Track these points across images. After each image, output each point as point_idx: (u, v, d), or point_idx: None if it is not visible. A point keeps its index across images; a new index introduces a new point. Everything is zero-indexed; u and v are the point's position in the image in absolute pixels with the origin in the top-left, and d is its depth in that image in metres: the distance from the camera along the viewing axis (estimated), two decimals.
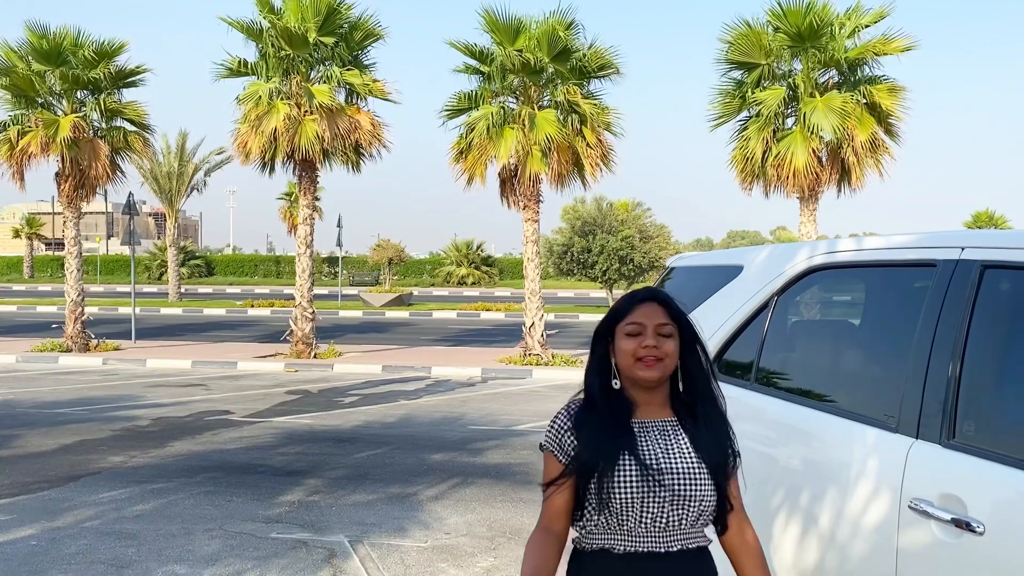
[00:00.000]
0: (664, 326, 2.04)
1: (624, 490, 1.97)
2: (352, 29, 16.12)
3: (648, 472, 1.97)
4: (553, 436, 2.08)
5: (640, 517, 1.97)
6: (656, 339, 2.03)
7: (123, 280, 51.42)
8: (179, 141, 37.04)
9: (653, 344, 2.02)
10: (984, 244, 2.52)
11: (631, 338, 2.04)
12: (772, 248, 3.58)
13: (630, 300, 2.10)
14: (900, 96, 14.73)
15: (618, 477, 1.97)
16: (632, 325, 2.05)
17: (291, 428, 9.69)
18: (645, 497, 1.96)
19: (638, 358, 2.03)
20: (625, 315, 2.08)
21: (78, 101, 17.04)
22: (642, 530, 1.98)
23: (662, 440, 2.03)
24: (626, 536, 2.00)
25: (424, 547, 5.52)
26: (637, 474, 1.97)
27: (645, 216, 33.47)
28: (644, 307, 2.07)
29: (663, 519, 1.98)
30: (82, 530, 5.78)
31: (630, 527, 1.98)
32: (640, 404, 2.07)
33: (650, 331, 2.03)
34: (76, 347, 16.97)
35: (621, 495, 1.97)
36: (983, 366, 2.41)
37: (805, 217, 15.35)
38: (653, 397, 2.08)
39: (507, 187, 16.35)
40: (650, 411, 2.08)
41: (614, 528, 2.00)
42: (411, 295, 36.74)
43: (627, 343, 2.05)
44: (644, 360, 2.02)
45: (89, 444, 8.65)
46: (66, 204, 17.09)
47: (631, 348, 2.04)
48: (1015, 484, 2.13)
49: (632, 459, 1.98)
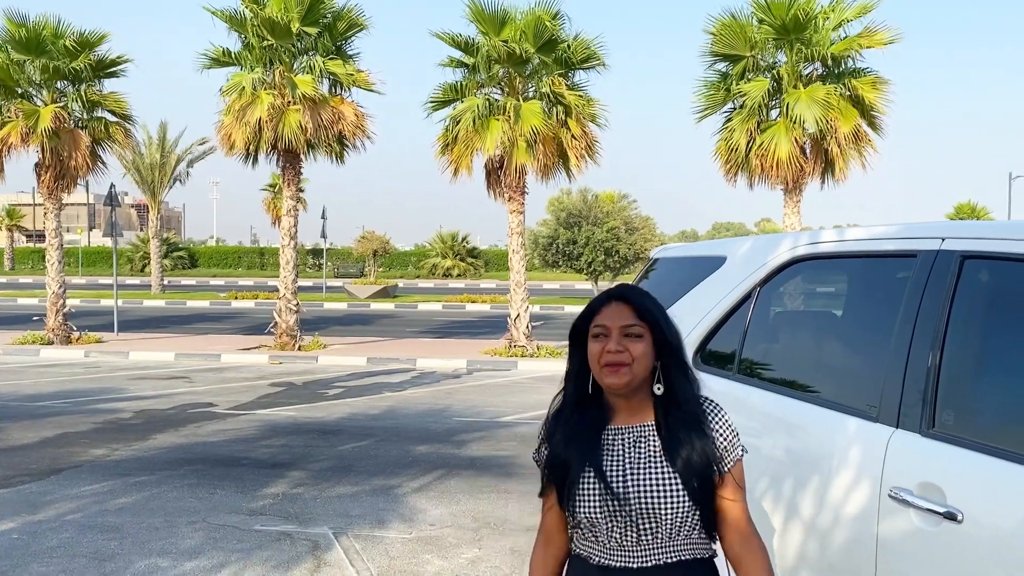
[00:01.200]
0: (631, 327, 1.92)
1: (587, 509, 1.91)
2: (336, 19, 16.01)
3: (610, 491, 1.89)
4: (537, 448, 2.06)
5: (608, 533, 1.92)
6: (620, 342, 1.91)
7: (105, 272, 51.06)
8: (161, 132, 36.76)
9: (616, 348, 1.91)
10: (964, 235, 2.53)
11: (597, 341, 1.94)
12: (755, 239, 3.59)
13: (599, 300, 2.00)
14: (883, 89, 14.80)
15: (580, 495, 1.91)
16: (597, 327, 1.95)
17: (275, 420, 9.65)
18: (608, 515, 1.90)
19: (604, 364, 1.92)
20: (593, 316, 1.97)
21: (58, 91, 16.86)
22: (613, 544, 1.92)
23: (634, 451, 1.93)
24: (600, 548, 1.95)
25: (408, 538, 5.52)
26: (600, 492, 1.90)
27: (630, 208, 33.54)
28: (610, 307, 1.96)
29: (633, 535, 1.90)
30: (64, 523, 5.74)
31: (602, 540, 1.93)
32: (618, 409, 1.98)
33: (614, 334, 1.92)
34: (58, 339, 16.84)
35: (584, 513, 1.91)
36: (962, 356, 2.42)
37: (789, 209, 15.41)
38: (631, 401, 1.97)
39: (493, 179, 16.32)
40: (629, 417, 1.98)
41: (589, 539, 1.96)
42: (396, 287, 36.67)
43: (593, 346, 1.94)
44: (608, 365, 1.91)
45: (71, 437, 8.59)
46: (47, 195, 16.92)
47: (596, 352, 1.93)
48: (993, 473, 2.14)
49: (596, 475, 1.91)
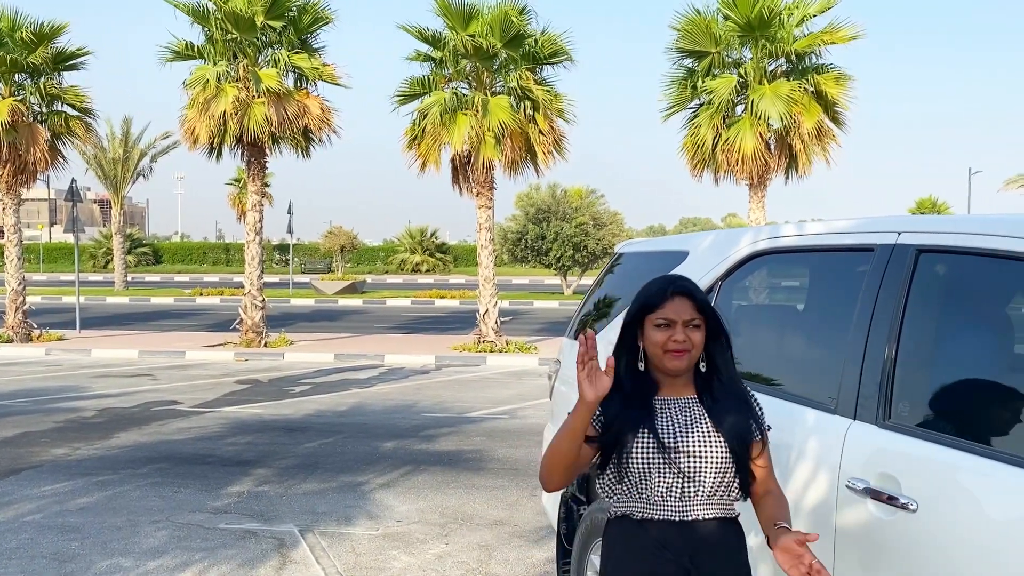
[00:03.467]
0: (693, 320, 2.17)
1: (640, 461, 2.14)
2: (300, 13, 15.85)
3: (663, 445, 2.13)
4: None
5: (656, 486, 2.14)
6: (684, 332, 2.16)
7: (67, 269, 50.14)
8: (124, 126, 36.12)
9: (683, 338, 2.15)
10: (920, 229, 2.57)
11: (660, 330, 2.17)
12: (716, 234, 3.62)
13: (661, 294, 2.20)
14: (846, 85, 14.98)
15: (635, 449, 2.14)
16: (662, 319, 2.18)
17: (241, 418, 9.56)
18: (660, 468, 2.13)
19: (667, 350, 2.16)
20: (656, 309, 2.19)
21: (16, 84, 16.52)
22: (658, 498, 2.15)
23: (681, 416, 2.19)
24: (643, 503, 2.17)
25: (375, 535, 5.50)
26: (653, 447, 2.14)
27: (599, 203, 33.67)
28: (674, 302, 2.18)
29: (677, 489, 2.14)
30: (23, 524, 5.64)
31: (647, 495, 2.16)
32: (664, 384, 2.23)
33: (680, 325, 2.16)
34: (18, 337, 16.52)
35: (637, 465, 2.14)
36: (918, 348, 2.46)
37: (754, 204, 15.56)
38: (677, 380, 2.22)
39: (460, 174, 16.27)
40: (674, 390, 2.23)
41: (633, 496, 2.18)
42: (364, 283, 36.46)
43: (657, 334, 2.18)
44: (672, 352, 2.16)
45: (31, 436, 8.43)
46: (5, 190, 16.58)
47: (661, 340, 2.17)
48: (947, 462, 2.19)
49: (650, 433, 2.15)
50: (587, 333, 2.04)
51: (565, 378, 4.38)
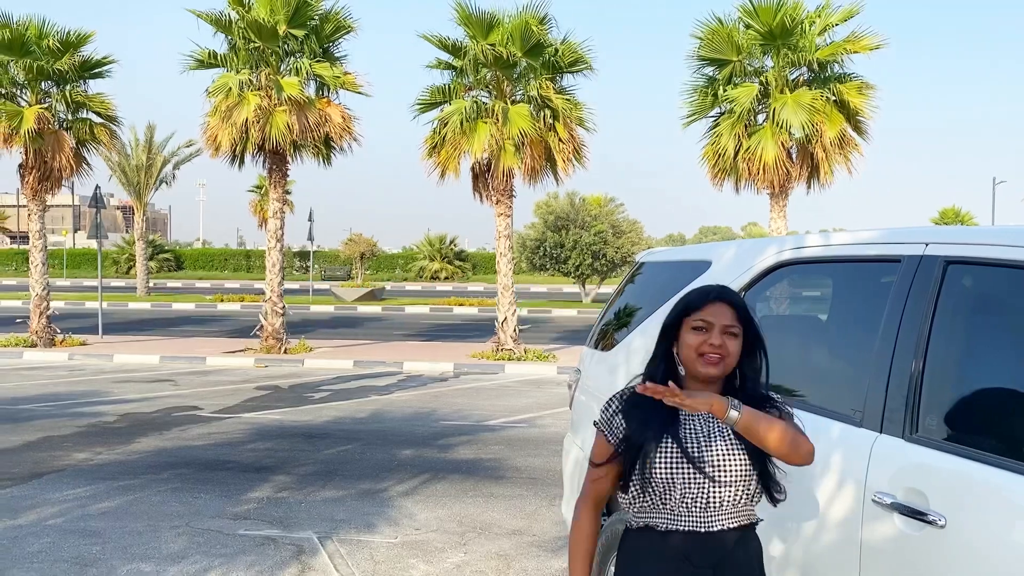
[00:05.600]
0: (731, 327, 2.15)
1: (664, 470, 2.12)
2: (323, 22, 15.97)
3: (688, 455, 2.12)
4: (605, 417, 2.24)
5: (681, 497, 2.12)
6: (721, 338, 2.13)
7: (90, 274, 50.71)
8: (147, 134, 36.50)
9: (719, 343, 2.13)
10: (947, 240, 2.54)
11: (697, 333, 2.15)
12: (740, 244, 3.60)
13: (702, 297, 2.19)
14: (869, 94, 14.90)
15: (660, 458, 2.12)
16: (700, 321, 2.16)
17: (260, 424, 9.60)
18: (684, 478, 2.11)
19: (700, 353, 2.14)
20: (695, 311, 2.18)
21: (43, 92, 16.73)
22: (683, 509, 2.13)
23: (706, 427, 2.16)
24: (668, 514, 2.14)
25: (394, 543, 5.50)
26: (678, 456, 2.12)
27: (618, 211, 33.59)
28: (715, 306, 2.16)
29: (702, 499, 2.12)
30: (45, 528, 5.68)
31: (671, 506, 2.13)
32: (693, 390, 2.18)
33: (717, 330, 2.14)
34: (41, 342, 16.69)
35: (661, 475, 2.12)
36: (946, 361, 2.43)
37: (775, 213, 15.48)
38: (707, 387, 2.18)
39: (480, 182, 16.30)
40: None
41: (657, 507, 2.15)
42: (383, 290, 36.57)
43: (692, 337, 2.16)
44: (706, 357, 2.13)
45: (54, 441, 8.51)
46: (31, 197, 16.79)
47: (696, 343, 2.15)
48: (975, 478, 2.15)
49: (674, 443, 2.13)
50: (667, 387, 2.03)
51: (585, 387, 4.36)
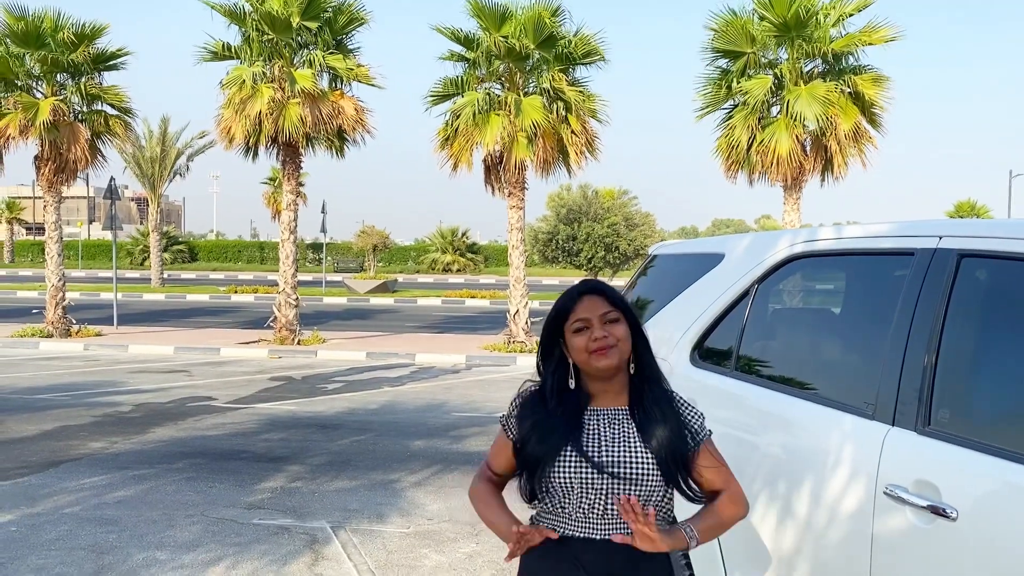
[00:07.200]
0: (608, 313, 2.10)
1: (562, 477, 2.05)
2: (336, 13, 15.99)
3: (588, 462, 2.04)
4: (507, 415, 2.26)
5: (579, 503, 2.06)
6: (604, 328, 2.08)
7: (105, 265, 51.05)
8: (162, 126, 36.73)
9: (603, 334, 2.07)
10: (961, 233, 2.53)
11: (580, 334, 2.10)
12: (753, 236, 3.59)
13: (570, 298, 2.15)
14: (884, 86, 14.79)
15: (559, 466, 2.06)
16: (578, 321, 2.11)
17: (274, 414, 9.66)
18: (583, 485, 2.04)
19: (591, 351, 2.08)
20: (569, 314, 2.13)
21: (58, 84, 16.83)
22: (580, 516, 2.07)
23: (610, 430, 2.10)
24: (566, 520, 2.09)
25: (406, 533, 5.53)
26: (577, 463, 2.05)
27: (631, 204, 33.54)
28: (584, 301, 2.12)
29: (601, 506, 2.05)
30: (62, 516, 5.75)
31: (569, 512, 2.08)
32: (596, 394, 2.14)
33: (596, 323, 2.09)
34: (57, 332, 16.83)
35: (559, 481, 2.06)
36: (958, 354, 2.42)
37: (789, 205, 15.41)
38: (610, 386, 2.13)
39: (492, 174, 16.31)
40: (606, 399, 2.14)
41: (557, 512, 2.10)
42: (396, 282, 36.65)
43: (578, 340, 2.10)
44: (597, 351, 2.07)
45: (70, 430, 8.59)
46: (46, 188, 16.91)
47: (582, 343, 2.09)
48: (988, 471, 2.15)
49: (574, 451, 2.06)
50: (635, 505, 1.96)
51: None
